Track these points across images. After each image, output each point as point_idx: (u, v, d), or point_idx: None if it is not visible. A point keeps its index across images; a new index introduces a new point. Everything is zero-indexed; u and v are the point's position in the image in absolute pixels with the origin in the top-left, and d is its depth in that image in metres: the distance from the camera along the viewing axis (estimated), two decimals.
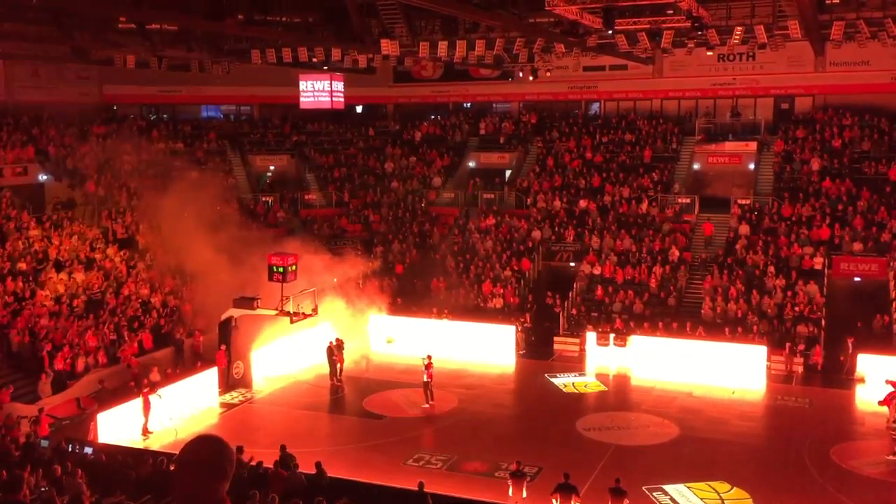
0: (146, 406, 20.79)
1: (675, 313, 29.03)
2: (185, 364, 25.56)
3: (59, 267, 27.94)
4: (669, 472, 18.17)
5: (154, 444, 20.08)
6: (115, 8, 24.97)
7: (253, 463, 16.02)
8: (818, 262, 29.55)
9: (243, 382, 24.81)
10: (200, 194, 29.78)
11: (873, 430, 21.25)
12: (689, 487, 17.41)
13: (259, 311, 23.72)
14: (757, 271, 29.63)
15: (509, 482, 16.16)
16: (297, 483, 15.24)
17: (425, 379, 22.90)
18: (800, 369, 25.82)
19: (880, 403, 21.06)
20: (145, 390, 21.14)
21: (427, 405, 22.87)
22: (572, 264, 32.70)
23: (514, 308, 30.67)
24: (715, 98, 38.74)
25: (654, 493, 17.07)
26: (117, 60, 32.39)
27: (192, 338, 26.77)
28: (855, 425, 22.40)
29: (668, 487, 17.37)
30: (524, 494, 15.93)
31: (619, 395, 24.81)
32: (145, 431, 20.77)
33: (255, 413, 23.00)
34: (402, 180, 39.79)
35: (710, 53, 32.11)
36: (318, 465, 15.83)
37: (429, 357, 23.21)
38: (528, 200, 36.50)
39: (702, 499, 16.99)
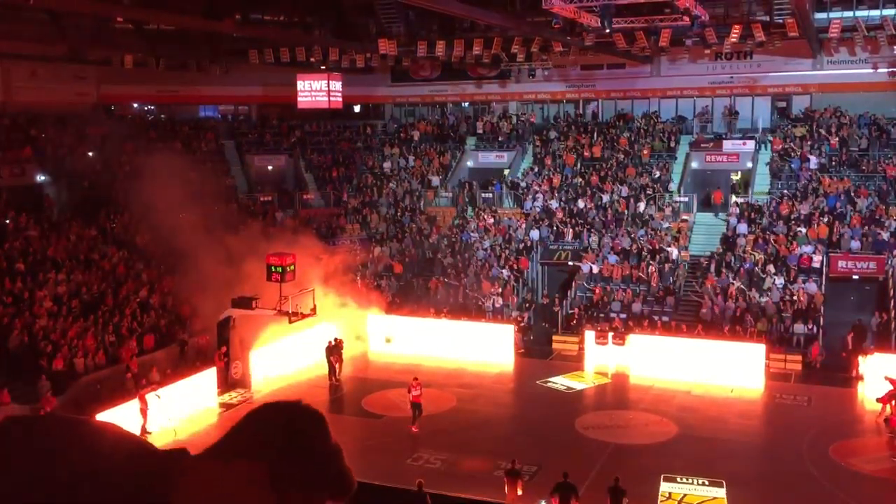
0: (144, 407, 20.78)
1: (673, 312, 29.05)
2: (187, 364, 25.51)
3: (57, 267, 27.93)
4: (668, 470, 18.17)
5: None
6: (113, 8, 24.95)
7: None
8: (816, 260, 29.58)
9: (242, 382, 24.80)
10: (198, 194, 29.77)
11: (872, 427, 21.29)
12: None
13: (257, 311, 23.72)
14: (755, 270, 29.65)
15: (505, 480, 16.19)
16: None
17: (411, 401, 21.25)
18: (798, 367, 25.87)
19: (878, 400, 21.12)
20: (143, 391, 21.13)
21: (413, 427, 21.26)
22: (571, 263, 32.70)
23: (512, 307, 30.68)
24: (713, 97, 38.74)
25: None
26: (115, 60, 32.40)
27: (195, 337, 26.67)
28: (854, 423, 22.42)
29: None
30: (519, 492, 15.95)
31: (617, 394, 24.82)
32: (143, 432, 20.74)
33: None
34: (401, 180, 39.79)
35: (707, 52, 32.20)
36: None
37: (415, 379, 21.70)
38: (527, 199, 36.51)
39: None
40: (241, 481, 1.45)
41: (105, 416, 20.33)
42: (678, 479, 17.68)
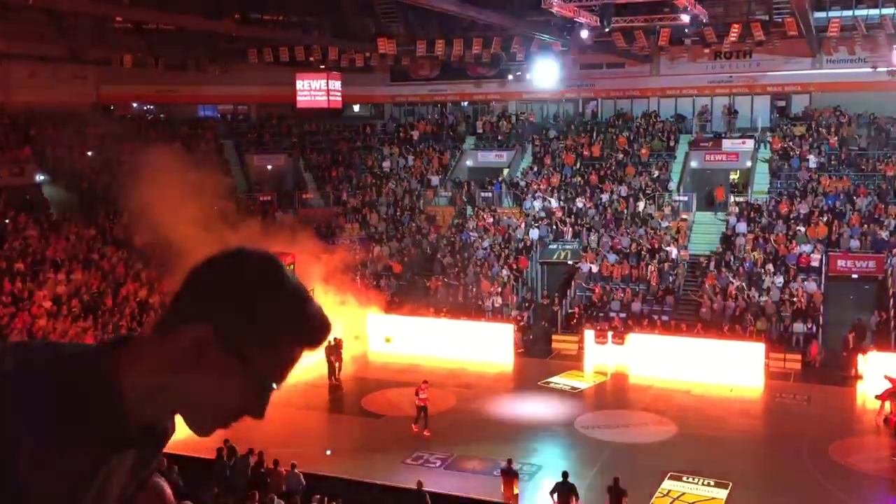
0: None
1: (673, 311, 29.05)
2: None
3: (56, 267, 27.93)
4: (667, 469, 18.17)
5: None
6: (112, 8, 24.95)
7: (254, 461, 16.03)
8: (816, 259, 29.59)
9: None
10: (198, 194, 29.75)
11: (872, 426, 21.30)
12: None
13: None
14: (755, 269, 29.66)
15: (501, 480, 16.21)
16: (295, 482, 15.24)
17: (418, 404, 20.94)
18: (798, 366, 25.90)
19: (877, 397, 21.14)
20: None
21: (420, 430, 20.78)
22: (570, 262, 32.71)
23: (512, 307, 30.68)
24: (712, 96, 38.73)
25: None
26: (114, 60, 32.40)
27: None
28: (854, 422, 22.44)
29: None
30: (516, 491, 15.97)
31: (617, 393, 24.83)
32: None
33: None
34: (400, 179, 39.79)
35: (707, 51, 32.20)
36: (293, 466, 15.80)
37: (424, 382, 21.49)
38: (526, 199, 36.51)
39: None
40: (185, 346, 1.31)
41: None
42: (684, 479, 17.68)
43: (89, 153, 35.71)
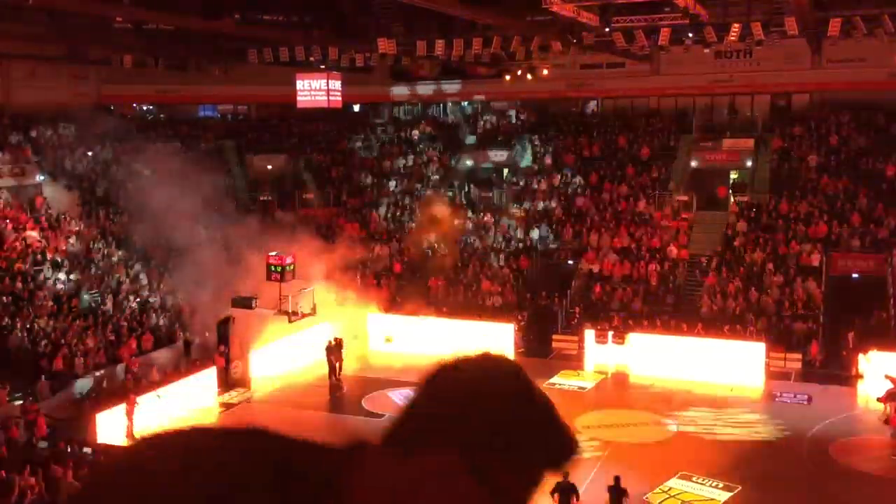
0: (130, 409, 20.53)
1: (673, 310, 29.04)
2: (190, 363, 25.46)
3: (56, 267, 27.93)
4: (669, 469, 18.18)
5: None
6: (113, 8, 24.96)
7: None
8: (816, 258, 29.59)
9: (242, 382, 24.81)
10: (198, 194, 29.77)
11: (872, 426, 21.29)
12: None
13: (257, 311, 23.73)
14: (755, 268, 29.66)
15: None
16: None
17: None
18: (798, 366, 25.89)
19: (879, 400, 21.11)
20: (132, 393, 21.01)
21: None
22: (570, 262, 32.71)
23: (512, 306, 30.67)
24: (712, 95, 38.69)
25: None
26: (114, 60, 32.39)
27: (200, 337, 26.64)
28: (854, 421, 22.43)
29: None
30: None
31: (617, 393, 24.84)
32: (130, 434, 20.44)
33: (253, 413, 22.99)
34: (400, 179, 39.78)
35: (707, 51, 32.16)
36: None
37: None
38: (526, 198, 36.49)
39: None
40: (430, 473, 1.15)
41: (106, 415, 20.36)
42: (693, 479, 17.67)
43: (89, 153, 35.70)
